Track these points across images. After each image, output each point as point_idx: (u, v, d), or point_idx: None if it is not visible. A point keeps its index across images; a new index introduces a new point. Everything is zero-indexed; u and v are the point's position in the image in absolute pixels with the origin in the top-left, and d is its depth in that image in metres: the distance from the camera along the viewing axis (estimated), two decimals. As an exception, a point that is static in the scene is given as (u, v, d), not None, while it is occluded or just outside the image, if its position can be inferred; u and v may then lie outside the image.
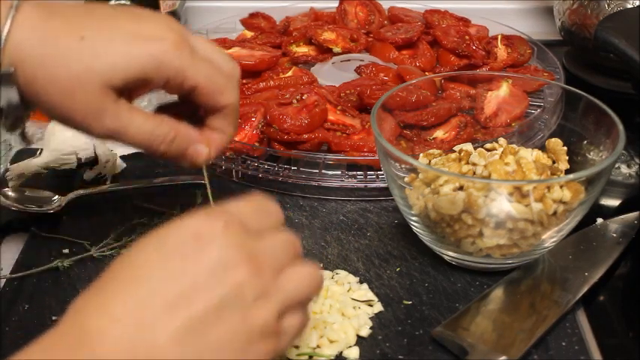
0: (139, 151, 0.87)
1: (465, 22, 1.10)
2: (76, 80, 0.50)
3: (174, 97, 0.59)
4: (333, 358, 0.58)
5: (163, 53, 0.51)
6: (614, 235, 0.72)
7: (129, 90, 0.52)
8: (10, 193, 0.77)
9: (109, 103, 0.50)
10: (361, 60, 1.00)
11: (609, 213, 0.75)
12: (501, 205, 0.61)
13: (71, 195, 0.78)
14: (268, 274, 0.44)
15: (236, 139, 0.82)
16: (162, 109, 0.59)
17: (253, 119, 0.84)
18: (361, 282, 0.67)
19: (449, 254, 0.67)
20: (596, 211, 0.74)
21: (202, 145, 0.56)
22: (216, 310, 0.42)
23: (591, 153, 0.71)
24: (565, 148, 0.70)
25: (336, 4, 1.11)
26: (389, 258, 0.70)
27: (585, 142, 0.73)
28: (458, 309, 0.63)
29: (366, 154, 0.81)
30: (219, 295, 0.42)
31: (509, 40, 1.04)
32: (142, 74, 0.51)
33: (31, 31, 0.50)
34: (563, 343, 0.60)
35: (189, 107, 0.58)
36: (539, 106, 0.91)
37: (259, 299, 0.43)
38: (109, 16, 0.52)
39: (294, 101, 0.84)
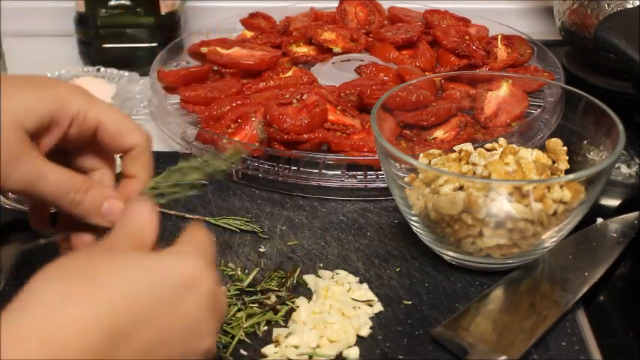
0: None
1: (465, 22, 1.10)
2: None
3: None
4: (333, 358, 0.58)
5: (66, 94, 0.53)
6: (614, 235, 0.72)
7: (38, 136, 0.53)
8: (10, 193, 0.77)
9: (26, 148, 0.51)
10: (361, 60, 0.99)
11: (609, 213, 0.75)
12: (501, 205, 0.61)
13: (71, 195, 0.78)
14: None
15: (236, 139, 0.82)
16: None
17: (253, 119, 0.84)
18: (361, 282, 0.67)
19: (449, 254, 0.67)
20: (596, 211, 0.74)
21: (117, 200, 0.55)
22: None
23: (591, 153, 0.71)
24: (565, 148, 0.70)
25: (336, 4, 1.11)
26: (389, 258, 0.70)
27: (585, 142, 0.73)
28: (458, 309, 0.63)
29: (366, 154, 0.81)
30: (181, 355, 0.44)
31: (509, 40, 1.04)
32: (49, 114, 0.52)
33: None
34: (563, 343, 0.60)
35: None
36: (539, 106, 0.91)
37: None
38: (18, 76, 0.55)
39: (294, 101, 0.84)
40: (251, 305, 0.63)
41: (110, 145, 0.55)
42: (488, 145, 0.71)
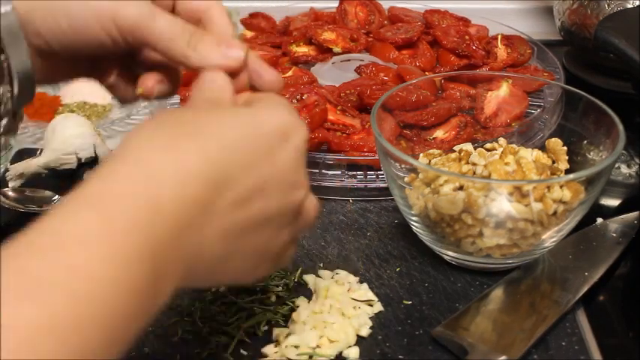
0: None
1: (465, 22, 1.10)
2: None
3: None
4: (333, 358, 0.58)
5: None
6: (614, 235, 0.72)
7: None
8: (10, 193, 0.77)
9: None
10: (361, 60, 0.99)
11: (609, 213, 0.75)
12: (501, 205, 0.61)
13: (71, 195, 0.78)
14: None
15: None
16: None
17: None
18: (361, 282, 0.67)
19: (449, 254, 0.67)
20: (596, 211, 0.74)
21: (236, 44, 0.50)
22: (265, 221, 0.44)
23: (591, 153, 0.71)
24: (565, 148, 0.70)
25: (336, 4, 1.11)
26: (389, 258, 0.70)
27: (585, 142, 0.73)
28: (458, 309, 0.63)
29: (366, 154, 0.81)
30: (278, 207, 0.44)
31: (509, 40, 1.04)
32: None
33: None
34: (563, 343, 0.60)
35: None
36: (539, 106, 0.91)
37: (293, 222, 0.47)
38: None
39: (294, 101, 0.84)
40: (251, 305, 0.63)
41: (188, 4, 0.52)
42: (488, 145, 0.71)
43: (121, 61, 0.53)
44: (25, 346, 0.30)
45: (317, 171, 0.79)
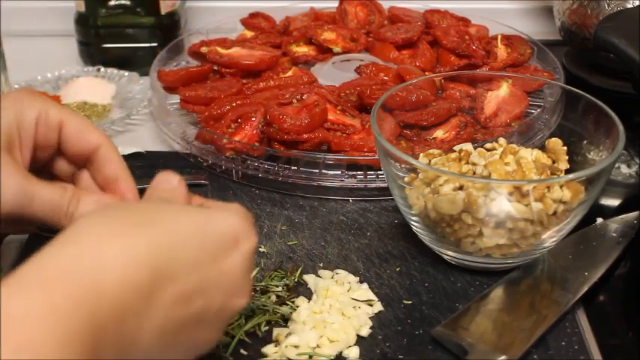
0: (139, 151, 0.87)
1: (465, 22, 1.10)
2: None
3: None
4: (333, 358, 0.58)
5: (23, 96, 0.53)
6: (614, 235, 0.72)
7: (12, 150, 0.51)
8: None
9: (11, 168, 0.49)
10: (361, 60, 0.99)
11: (609, 213, 0.75)
12: (501, 204, 0.61)
13: (71, 195, 0.78)
14: None
15: (236, 138, 0.82)
16: None
17: (253, 119, 0.84)
18: (361, 282, 0.67)
19: (449, 254, 0.68)
20: (596, 211, 0.74)
21: (107, 197, 0.54)
22: (201, 321, 0.44)
23: (591, 153, 0.71)
24: (565, 148, 0.70)
25: (336, 4, 1.11)
26: (389, 258, 0.70)
27: (585, 142, 0.73)
28: (458, 309, 0.63)
29: (366, 154, 0.81)
30: (217, 310, 0.44)
31: (509, 40, 1.04)
32: (15, 117, 0.51)
33: None
34: (563, 343, 0.60)
35: None
36: (539, 106, 0.91)
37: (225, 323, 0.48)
38: None
39: (294, 101, 0.84)
40: (251, 305, 0.63)
41: (76, 144, 0.54)
42: (488, 145, 0.71)
43: None
44: None
45: (317, 171, 0.79)
